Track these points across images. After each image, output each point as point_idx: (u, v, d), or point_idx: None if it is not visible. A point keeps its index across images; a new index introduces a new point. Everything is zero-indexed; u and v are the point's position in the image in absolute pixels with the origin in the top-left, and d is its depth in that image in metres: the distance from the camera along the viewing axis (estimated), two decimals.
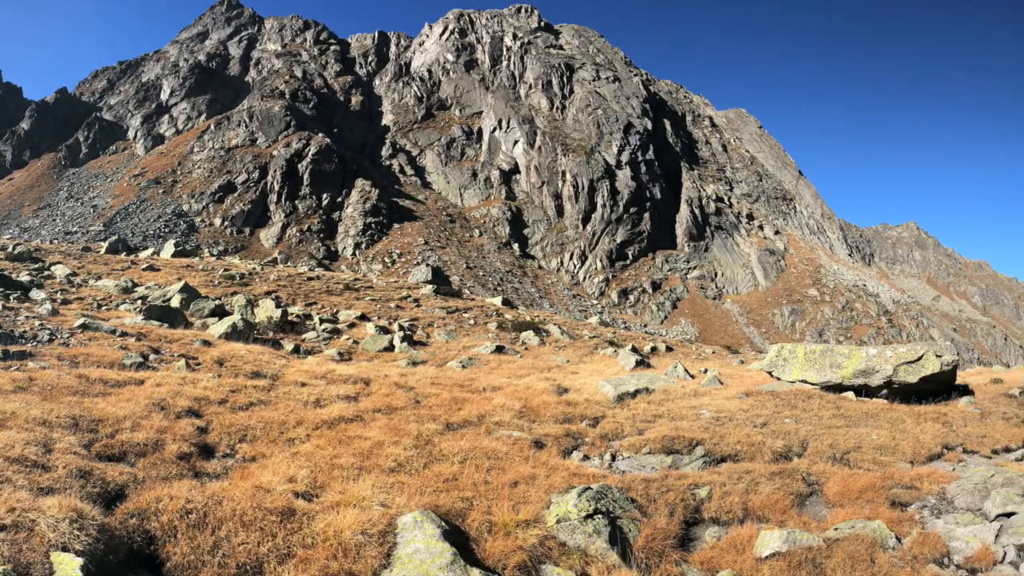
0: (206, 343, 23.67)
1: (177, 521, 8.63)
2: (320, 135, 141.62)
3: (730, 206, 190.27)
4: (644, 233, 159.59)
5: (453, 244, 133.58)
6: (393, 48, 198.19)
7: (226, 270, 51.78)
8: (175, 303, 32.08)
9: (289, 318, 35.17)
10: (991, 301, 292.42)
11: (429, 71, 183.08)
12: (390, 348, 33.55)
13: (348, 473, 11.67)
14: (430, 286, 56.13)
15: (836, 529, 11.37)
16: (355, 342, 33.95)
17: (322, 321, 37.43)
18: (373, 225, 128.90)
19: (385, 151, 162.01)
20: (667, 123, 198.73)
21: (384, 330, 37.28)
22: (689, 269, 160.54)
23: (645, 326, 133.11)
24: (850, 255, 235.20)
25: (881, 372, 26.06)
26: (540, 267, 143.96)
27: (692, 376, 30.44)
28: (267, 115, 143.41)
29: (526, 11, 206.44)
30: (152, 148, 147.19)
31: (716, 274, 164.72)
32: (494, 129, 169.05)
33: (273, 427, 14.57)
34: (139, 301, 33.56)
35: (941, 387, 27.43)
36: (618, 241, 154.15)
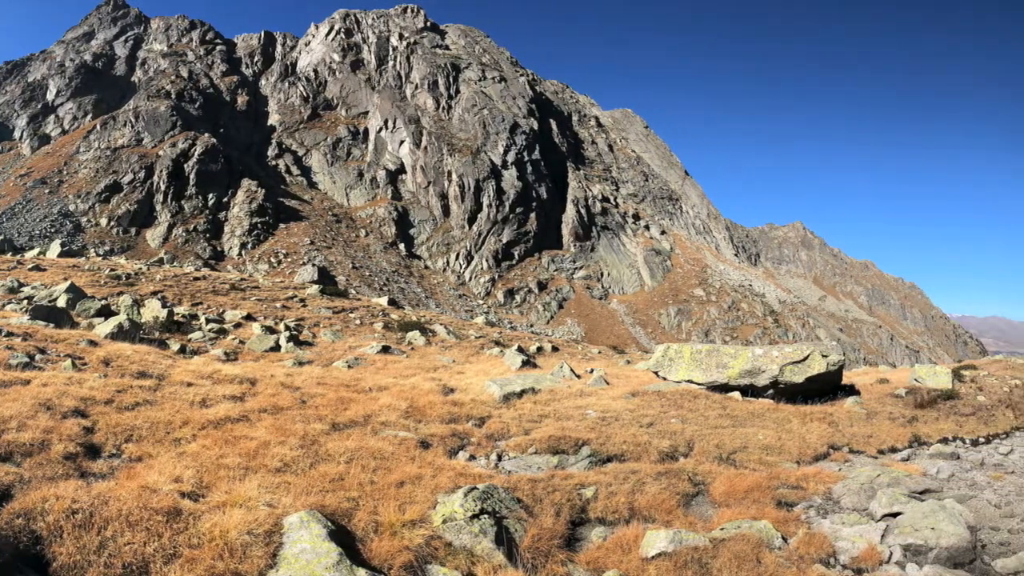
0: (92, 343, 23.28)
1: (63, 521, 8.42)
2: (206, 135, 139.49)
3: (616, 206, 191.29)
4: (530, 233, 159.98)
5: (339, 244, 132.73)
6: (279, 48, 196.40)
7: (112, 270, 50.95)
8: (61, 303, 31.48)
9: (175, 318, 34.63)
10: (877, 301, 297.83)
11: (315, 71, 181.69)
12: (276, 348, 33.28)
13: (234, 473, 11.50)
14: (316, 286, 55.83)
15: (722, 529, 11.41)
16: (241, 342, 33.57)
17: (208, 321, 36.90)
18: (259, 225, 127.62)
19: (271, 151, 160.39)
20: (553, 123, 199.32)
21: (270, 330, 36.92)
22: (575, 269, 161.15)
23: (531, 326, 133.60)
24: (736, 255, 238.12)
25: (767, 372, 26.36)
26: (426, 267, 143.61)
27: (578, 376, 30.59)
28: (153, 115, 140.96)
29: (412, 11, 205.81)
30: (38, 148, 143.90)
31: (602, 274, 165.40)
32: (380, 129, 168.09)
33: (159, 427, 14.27)
34: (25, 301, 32.99)
35: (827, 387, 27.83)
36: (504, 241, 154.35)
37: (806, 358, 26.56)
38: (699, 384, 26.62)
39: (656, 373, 28.75)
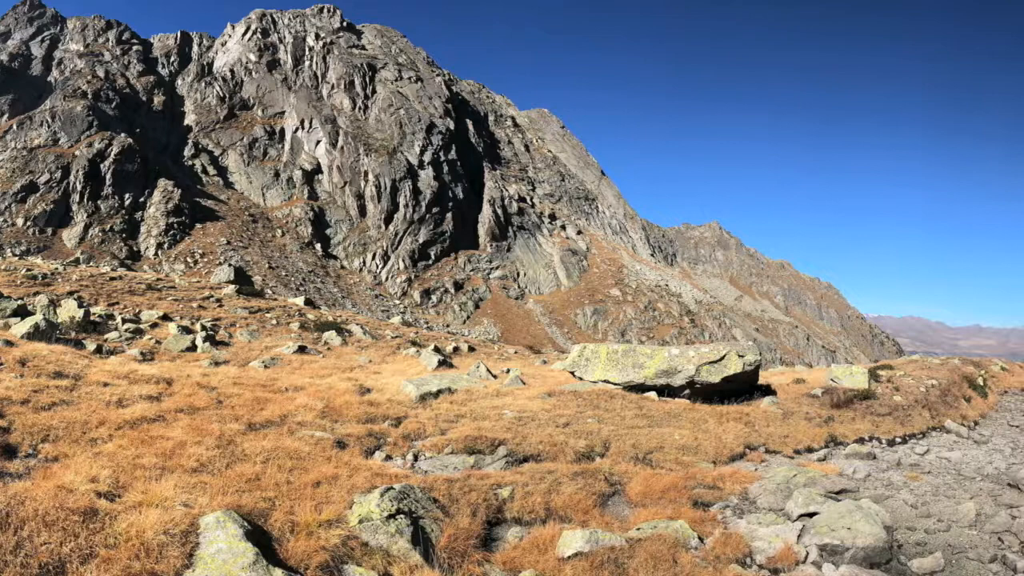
0: (8, 343, 22.92)
1: None
2: (123, 135, 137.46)
3: (533, 206, 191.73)
4: (447, 233, 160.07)
5: (256, 244, 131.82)
6: (196, 48, 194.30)
7: (28, 270, 50.23)
8: None
9: (92, 318, 34.22)
10: (794, 301, 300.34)
11: (231, 71, 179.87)
12: (193, 348, 32.98)
13: (151, 473, 11.28)
14: (232, 286, 55.39)
15: (639, 529, 11.40)
16: (158, 342, 33.17)
17: (125, 321, 36.47)
18: (176, 225, 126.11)
19: (188, 151, 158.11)
20: (470, 123, 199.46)
21: (187, 330, 36.50)
22: (492, 269, 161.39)
23: (448, 326, 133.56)
24: (653, 255, 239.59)
25: (684, 372, 26.47)
26: (343, 267, 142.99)
27: (495, 376, 30.58)
28: (69, 115, 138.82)
29: (329, 11, 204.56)
30: None
31: (519, 274, 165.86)
32: (296, 129, 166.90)
33: (76, 427, 14.00)
34: None
35: (744, 387, 27.99)
36: (421, 241, 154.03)
37: (722, 358, 26.70)
38: (615, 384, 26.67)
39: (572, 373, 28.79)
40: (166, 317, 40.25)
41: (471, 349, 48.38)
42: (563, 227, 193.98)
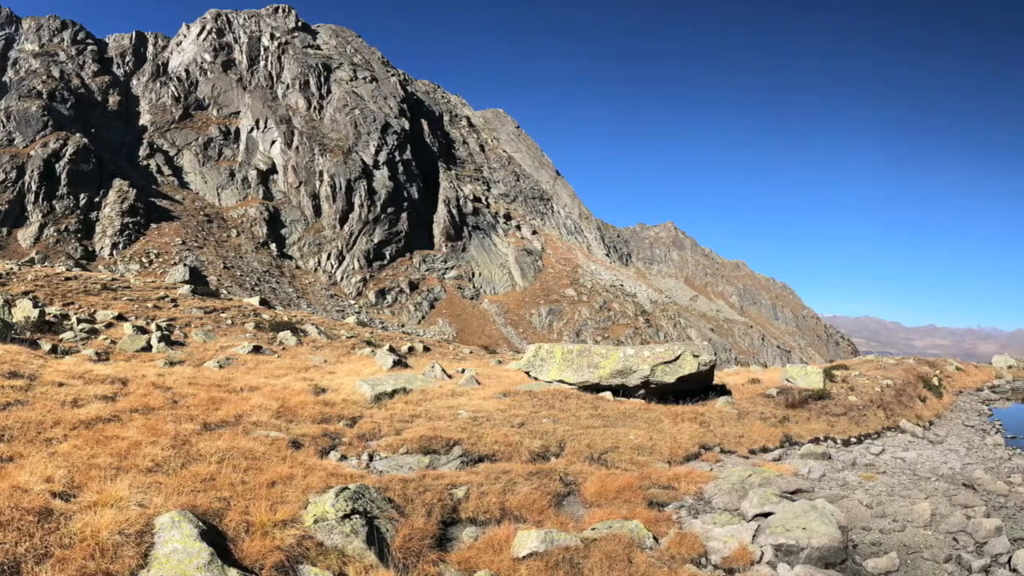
0: None
1: None
2: (78, 135, 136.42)
3: (488, 206, 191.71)
4: (402, 233, 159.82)
5: (211, 244, 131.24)
6: (151, 48, 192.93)
7: None
8: None
9: (47, 318, 33.99)
10: (749, 301, 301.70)
11: (187, 71, 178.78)
12: (148, 348, 32.79)
13: (106, 473, 11.17)
14: (188, 286, 55.10)
15: (594, 529, 11.41)
16: (113, 342, 32.97)
17: (80, 321, 36.24)
18: (131, 225, 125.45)
19: (143, 151, 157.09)
20: (425, 123, 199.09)
21: (142, 330, 36.28)
22: (447, 269, 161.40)
23: (403, 326, 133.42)
24: (608, 255, 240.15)
25: (639, 372, 26.50)
26: (298, 267, 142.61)
27: (450, 376, 30.61)
28: (24, 115, 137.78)
29: (284, 11, 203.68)
30: None
31: (474, 274, 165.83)
32: (252, 129, 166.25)
33: (31, 427, 13.91)
34: None
35: (699, 387, 28.07)
36: (376, 241, 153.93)
37: (677, 358, 26.77)
38: (570, 384, 26.71)
39: (528, 373, 28.82)
40: (121, 317, 40.00)
41: (426, 349, 48.33)
42: (518, 227, 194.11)
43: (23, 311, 32.73)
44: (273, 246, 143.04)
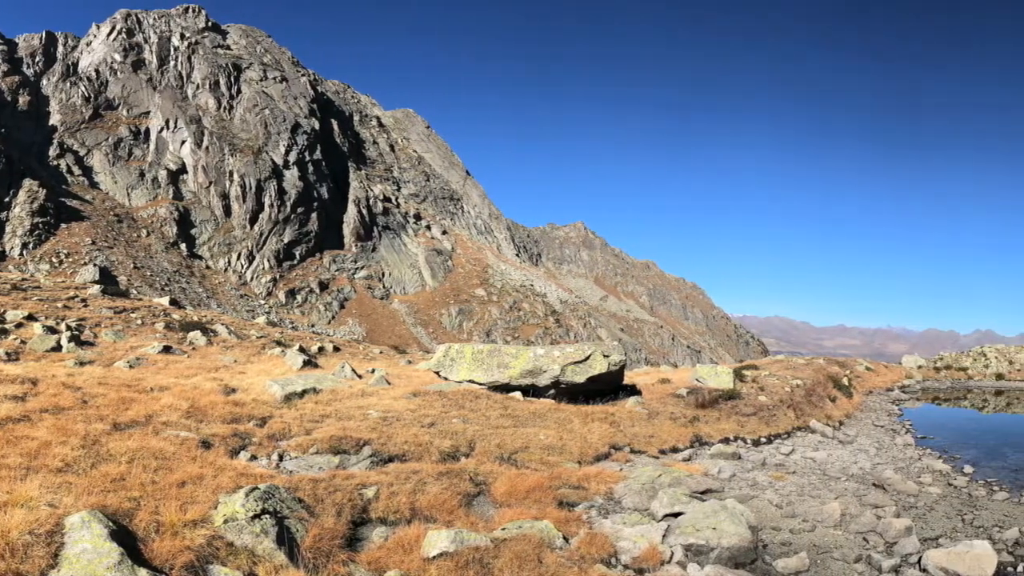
0: None
1: None
2: None
3: (398, 206, 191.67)
4: (312, 233, 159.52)
5: (121, 244, 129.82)
6: (61, 48, 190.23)
7: None
8: None
9: None
10: (659, 301, 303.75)
11: (97, 71, 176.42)
12: (58, 348, 32.59)
13: (15, 473, 11.07)
14: (98, 286, 54.63)
15: (504, 529, 11.43)
16: (23, 342, 32.75)
17: None
18: (41, 225, 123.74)
19: (53, 151, 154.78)
20: (335, 123, 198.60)
21: (52, 330, 35.94)
22: (357, 269, 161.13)
23: (313, 326, 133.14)
24: (518, 255, 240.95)
25: (549, 372, 26.58)
26: (208, 267, 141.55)
27: (360, 376, 30.51)
28: None
29: (194, 11, 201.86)
30: None
31: (384, 274, 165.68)
32: (162, 129, 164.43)
33: None
34: None
35: (609, 387, 28.20)
36: (286, 241, 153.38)
37: (587, 358, 26.91)
38: (481, 384, 26.76)
39: (438, 373, 28.85)
40: (31, 317, 39.62)
41: (336, 349, 48.28)
42: (428, 227, 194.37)
43: None
44: (183, 246, 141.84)
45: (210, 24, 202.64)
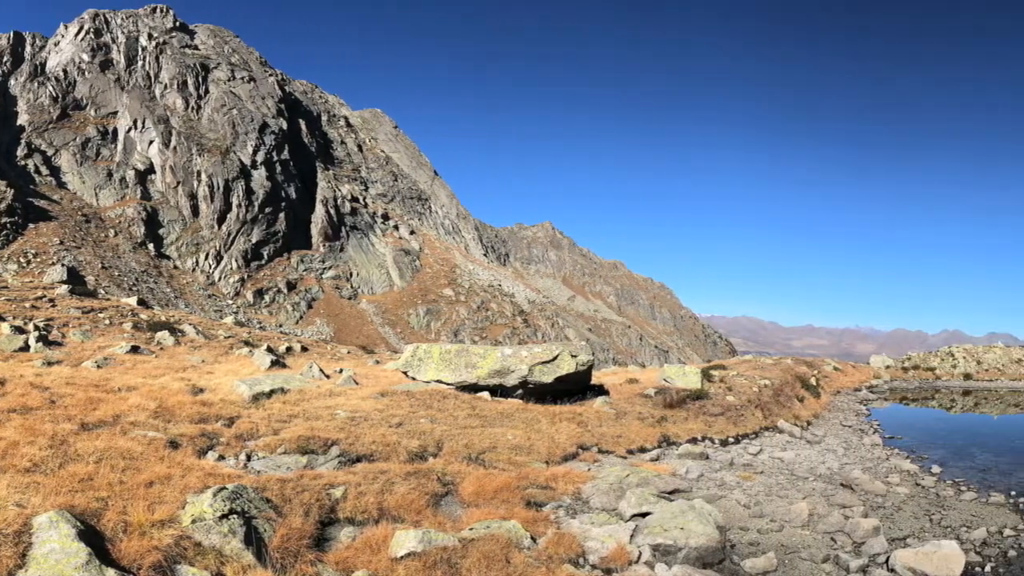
0: None
1: None
2: None
3: (365, 206, 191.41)
4: (280, 233, 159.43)
5: (89, 244, 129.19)
6: (28, 48, 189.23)
7: None
8: None
9: None
10: (627, 301, 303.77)
11: (65, 71, 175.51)
12: (25, 348, 32.56)
13: None
14: (65, 286, 54.51)
15: (472, 529, 11.44)
16: None
17: None
18: (8, 225, 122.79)
19: (21, 151, 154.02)
20: (303, 123, 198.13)
21: (19, 330, 35.83)
22: (324, 269, 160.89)
23: (280, 326, 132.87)
24: (486, 255, 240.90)
25: (516, 372, 26.55)
26: (176, 267, 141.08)
27: (328, 376, 30.58)
28: None
29: (162, 11, 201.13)
30: None
31: (352, 274, 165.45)
32: (129, 129, 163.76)
33: None
34: None
35: (577, 387, 28.19)
36: (253, 241, 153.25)
37: (555, 358, 26.91)
38: (449, 384, 26.75)
39: (406, 373, 28.81)
40: None
41: (304, 349, 48.23)
42: (396, 227, 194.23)
43: None
44: (151, 246, 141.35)
45: (178, 24, 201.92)
